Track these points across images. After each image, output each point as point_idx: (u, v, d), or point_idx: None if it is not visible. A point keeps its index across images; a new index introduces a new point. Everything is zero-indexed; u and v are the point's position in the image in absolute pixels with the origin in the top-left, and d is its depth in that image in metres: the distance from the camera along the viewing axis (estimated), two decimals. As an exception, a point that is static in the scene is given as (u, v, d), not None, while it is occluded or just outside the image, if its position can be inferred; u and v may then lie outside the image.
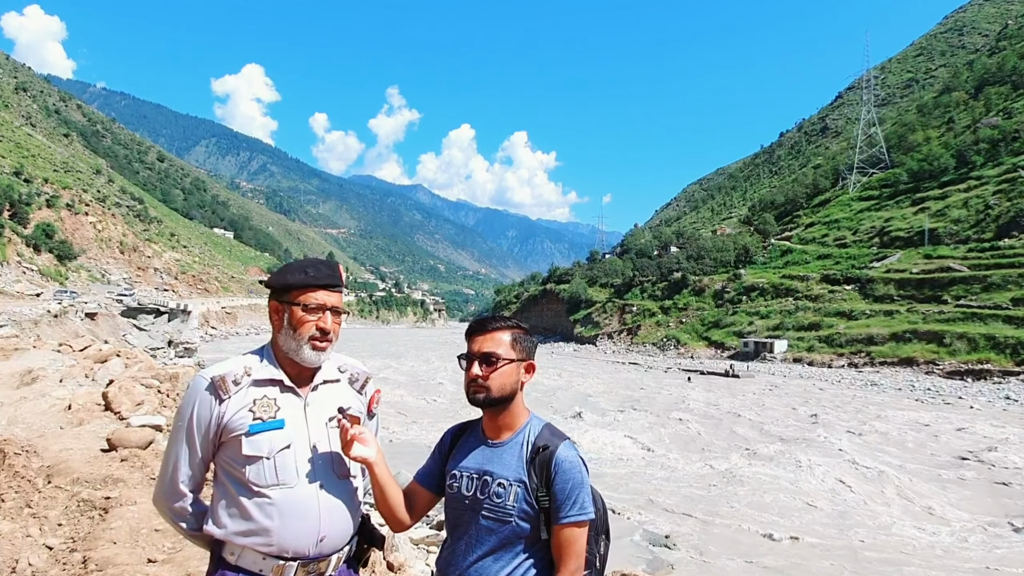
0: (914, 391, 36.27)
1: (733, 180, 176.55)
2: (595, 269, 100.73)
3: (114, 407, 7.61)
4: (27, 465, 5.14)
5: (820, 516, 13.75)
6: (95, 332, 31.90)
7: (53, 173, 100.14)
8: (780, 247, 77.67)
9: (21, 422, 7.16)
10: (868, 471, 17.36)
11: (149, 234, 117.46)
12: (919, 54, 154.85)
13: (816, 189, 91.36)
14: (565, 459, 1.77)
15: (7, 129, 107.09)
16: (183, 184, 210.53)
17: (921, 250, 58.66)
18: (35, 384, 10.18)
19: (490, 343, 1.82)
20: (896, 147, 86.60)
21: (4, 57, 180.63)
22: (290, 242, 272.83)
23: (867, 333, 48.89)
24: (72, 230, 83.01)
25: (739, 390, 36.27)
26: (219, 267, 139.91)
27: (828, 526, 13.09)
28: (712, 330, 64.76)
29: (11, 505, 4.38)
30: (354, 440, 1.74)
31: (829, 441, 21.09)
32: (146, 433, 5.92)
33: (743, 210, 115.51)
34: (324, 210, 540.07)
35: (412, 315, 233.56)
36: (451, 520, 1.86)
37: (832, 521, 13.42)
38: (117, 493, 4.64)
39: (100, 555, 3.71)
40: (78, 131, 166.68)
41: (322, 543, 1.71)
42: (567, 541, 1.75)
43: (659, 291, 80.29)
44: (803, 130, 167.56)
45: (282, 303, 1.76)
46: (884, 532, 12.82)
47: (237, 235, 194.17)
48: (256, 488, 1.67)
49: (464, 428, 1.97)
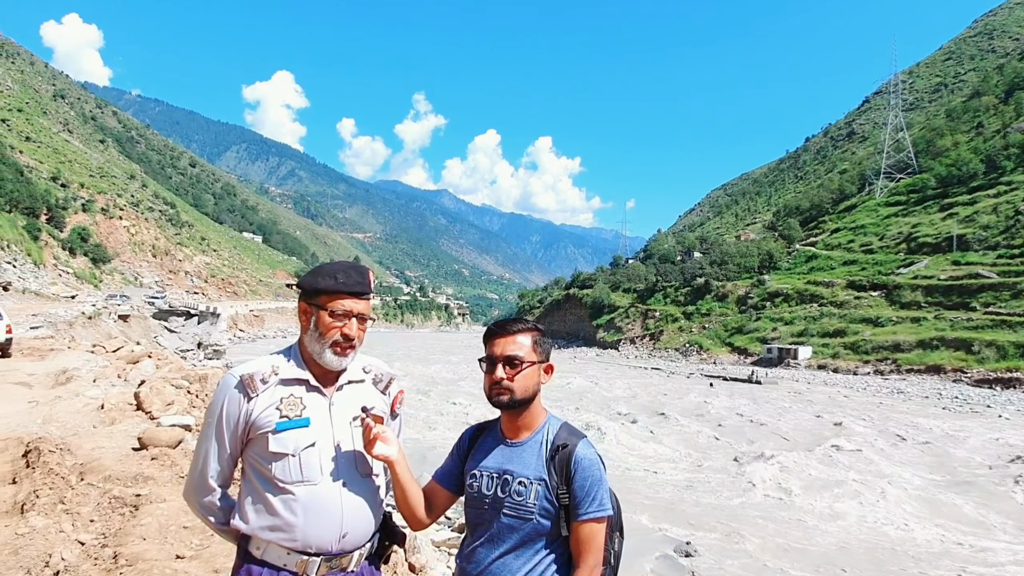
0: (941, 399, 35.56)
1: (757, 185, 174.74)
2: (618, 274, 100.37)
3: (145, 407, 7.77)
4: (61, 463, 5.28)
5: (847, 527, 13.54)
6: (127, 334, 32.49)
7: (89, 178, 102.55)
8: (805, 253, 76.77)
9: (56, 421, 7.34)
10: (895, 481, 17.06)
11: (180, 238, 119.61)
12: (948, 58, 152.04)
13: (842, 194, 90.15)
14: (584, 457, 1.81)
15: (45, 135, 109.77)
16: (214, 189, 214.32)
17: (949, 256, 57.61)
18: (70, 384, 10.43)
19: (512, 346, 1.85)
20: (924, 152, 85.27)
21: (43, 65, 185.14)
22: (317, 246, 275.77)
23: (893, 340, 48.07)
24: (107, 234, 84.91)
25: (762, 397, 35.84)
26: (247, 271, 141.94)
27: (857, 539, 12.88)
28: (735, 336, 64.12)
29: (45, 501, 4.49)
30: (376, 439, 1.78)
31: (855, 450, 20.76)
32: (176, 432, 6.04)
33: (767, 215, 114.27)
34: (350, 215, 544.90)
35: (436, 319, 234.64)
36: (472, 519, 1.90)
37: (861, 535, 13.20)
38: (147, 491, 4.74)
39: (130, 551, 3.79)
40: (113, 137, 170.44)
41: (344, 539, 1.76)
42: (587, 537, 1.79)
43: (682, 296, 79.72)
44: (829, 135, 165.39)
45: (311, 305, 1.80)
46: (912, 543, 12.59)
47: (265, 239, 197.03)
48: (282, 485, 1.73)
49: (482, 428, 2.00)
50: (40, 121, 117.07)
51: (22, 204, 57.27)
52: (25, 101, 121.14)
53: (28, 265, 48.66)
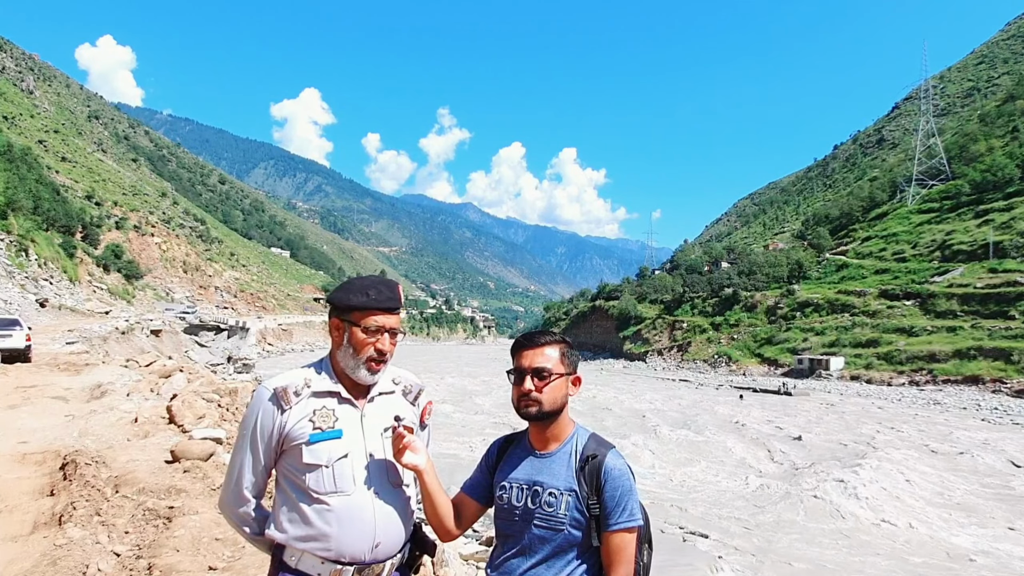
0: (980, 410, 34.70)
1: (786, 194, 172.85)
2: (645, 285, 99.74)
3: (177, 420, 7.89)
4: (97, 475, 5.38)
5: (886, 539, 13.23)
6: (159, 348, 33.04)
7: (122, 196, 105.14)
8: (835, 262, 75.67)
9: (91, 434, 7.48)
10: (936, 492, 16.65)
11: (211, 254, 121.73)
12: (980, 62, 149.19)
13: (873, 202, 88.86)
14: (614, 467, 1.81)
15: (80, 155, 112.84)
16: (243, 205, 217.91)
17: (986, 264, 56.37)
18: (104, 398, 10.64)
19: (541, 358, 1.86)
20: (957, 158, 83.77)
21: (78, 87, 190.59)
22: (344, 260, 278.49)
23: (929, 350, 47.13)
24: (139, 251, 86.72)
25: (794, 409, 35.26)
26: (276, 285, 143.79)
27: (904, 553, 12.57)
28: (765, 347, 63.35)
29: (82, 513, 4.57)
30: (406, 448, 1.80)
31: (891, 464, 20.29)
32: (207, 445, 6.12)
33: (796, 224, 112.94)
34: (376, 229, 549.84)
35: (462, 332, 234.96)
36: (502, 530, 1.90)
37: (908, 549, 12.87)
38: (180, 503, 4.80)
39: (164, 562, 3.84)
40: (145, 156, 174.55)
41: (377, 549, 1.78)
42: (617, 547, 1.78)
43: (710, 307, 78.99)
44: (858, 142, 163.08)
45: (343, 321, 1.83)
46: (953, 560, 12.26)
47: (293, 254, 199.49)
48: (315, 495, 1.75)
49: (510, 440, 2.01)
50: (75, 142, 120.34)
51: (58, 223, 58.63)
52: (61, 122, 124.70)
53: (64, 282, 49.81)
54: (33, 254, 46.48)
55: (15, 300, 34.37)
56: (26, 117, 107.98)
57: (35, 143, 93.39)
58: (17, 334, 14.99)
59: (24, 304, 34.63)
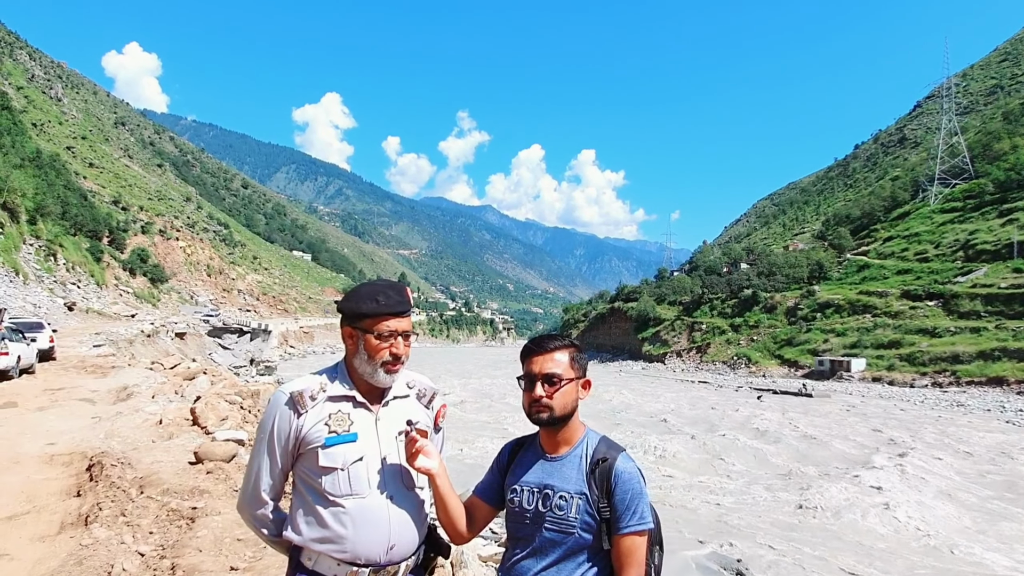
0: (1004, 412, 34.04)
1: (805, 194, 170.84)
2: (663, 287, 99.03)
3: (201, 422, 8.02)
4: (122, 476, 5.49)
5: (908, 546, 13.04)
6: (183, 351, 33.51)
7: (147, 201, 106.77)
8: (856, 262, 74.65)
9: (117, 436, 7.63)
10: (958, 498, 16.38)
11: (234, 257, 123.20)
12: (1003, 59, 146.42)
13: (894, 202, 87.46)
14: (624, 470, 1.83)
15: (107, 161, 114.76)
16: (265, 209, 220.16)
17: (1010, 263, 55.29)
18: (130, 400, 10.84)
19: (551, 363, 1.87)
20: (980, 156, 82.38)
21: (105, 94, 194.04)
22: (364, 263, 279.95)
23: (952, 351, 46.33)
24: (164, 255, 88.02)
25: (815, 410, 34.84)
26: (297, 288, 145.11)
27: (923, 561, 12.38)
28: (785, 348, 62.64)
29: (108, 513, 4.67)
30: (419, 452, 1.83)
31: (915, 468, 19.96)
32: (230, 447, 6.22)
33: (816, 225, 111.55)
34: (396, 232, 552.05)
35: (481, 334, 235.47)
36: (513, 533, 1.93)
37: (928, 557, 12.67)
38: (203, 504, 4.89)
39: (187, 562, 3.92)
40: (170, 161, 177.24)
41: (392, 551, 1.82)
42: (628, 551, 1.80)
43: (729, 308, 78.30)
44: (879, 141, 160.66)
45: (355, 329, 1.87)
46: (982, 565, 12.06)
47: (314, 257, 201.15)
48: (331, 498, 1.79)
49: (521, 443, 2.03)
50: (102, 148, 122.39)
51: (86, 228, 59.72)
52: (88, 129, 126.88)
53: (91, 286, 50.66)
54: (61, 258, 47.37)
55: (44, 303, 35.03)
56: (55, 124, 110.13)
57: (63, 149, 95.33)
58: (42, 336, 16.50)
59: (52, 307, 35.29)
